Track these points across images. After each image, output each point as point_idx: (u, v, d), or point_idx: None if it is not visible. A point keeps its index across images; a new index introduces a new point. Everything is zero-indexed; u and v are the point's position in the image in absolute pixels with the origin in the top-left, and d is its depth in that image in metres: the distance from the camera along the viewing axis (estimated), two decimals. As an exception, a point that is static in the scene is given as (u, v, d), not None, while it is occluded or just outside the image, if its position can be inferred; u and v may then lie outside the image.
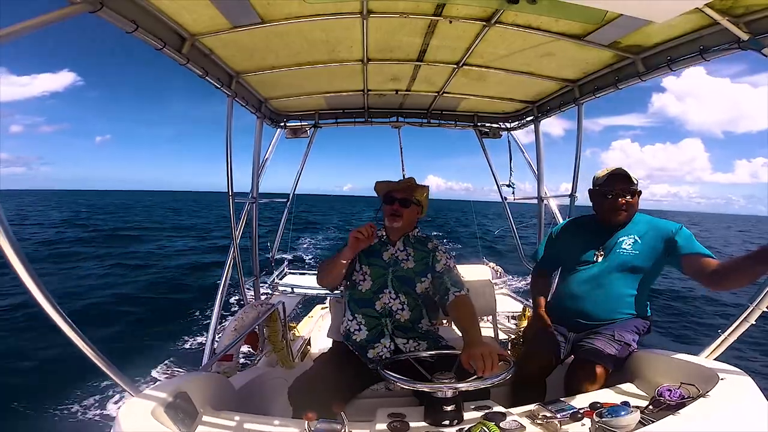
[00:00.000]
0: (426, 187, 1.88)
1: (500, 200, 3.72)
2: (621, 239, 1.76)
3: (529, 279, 2.25)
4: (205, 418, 1.27)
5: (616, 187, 1.74)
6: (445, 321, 2.76)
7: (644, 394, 1.44)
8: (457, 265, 1.81)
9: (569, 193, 2.83)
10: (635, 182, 1.74)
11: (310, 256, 13.94)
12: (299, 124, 3.25)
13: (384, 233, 1.87)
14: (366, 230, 1.59)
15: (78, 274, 11.03)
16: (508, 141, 3.46)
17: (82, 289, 9.52)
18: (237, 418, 1.28)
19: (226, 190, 2.43)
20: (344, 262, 1.66)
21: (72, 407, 4.24)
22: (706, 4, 1.32)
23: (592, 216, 1.90)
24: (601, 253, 1.78)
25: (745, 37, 1.45)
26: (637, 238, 1.74)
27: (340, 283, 1.81)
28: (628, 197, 1.73)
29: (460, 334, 1.55)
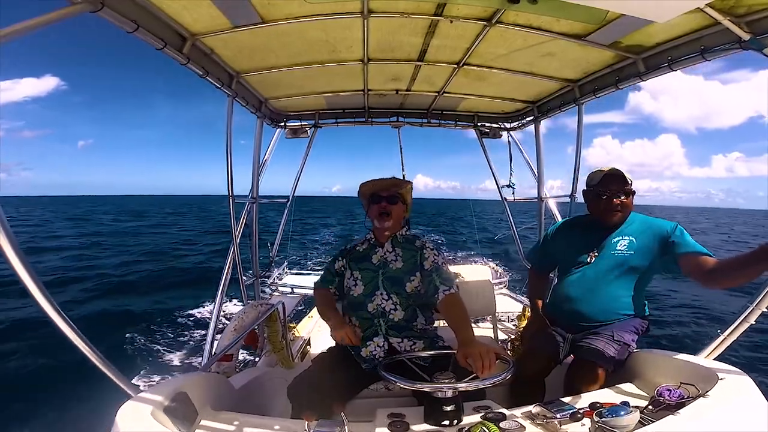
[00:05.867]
0: (409, 183, 1.89)
1: (494, 199, 3.72)
2: (615, 240, 1.75)
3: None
4: (205, 419, 1.26)
5: (610, 188, 1.73)
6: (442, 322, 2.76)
7: (644, 394, 1.44)
8: (457, 265, 1.80)
9: (569, 193, 2.83)
10: (630, 182, 1.73)
11: (309, 256, 13.93)
12: (299, 124, 3.25)
13: (372, 236, 1.87)
14: (353, 339, 1.68)
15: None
16: (508, 141, 3.46)
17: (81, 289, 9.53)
18: (236, 418, 1.28)
19: (227, 191, 2.43)
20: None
21: (70, 408, 4.24)
22: (708, 4, 1.32)
23: (586, 216, 1.88)
24: (595, 254, 1.76)
25: (746, 36, 1.45)
26: (632, 238, 1.73)
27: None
28: (622, 198, 1.72)
29: None
